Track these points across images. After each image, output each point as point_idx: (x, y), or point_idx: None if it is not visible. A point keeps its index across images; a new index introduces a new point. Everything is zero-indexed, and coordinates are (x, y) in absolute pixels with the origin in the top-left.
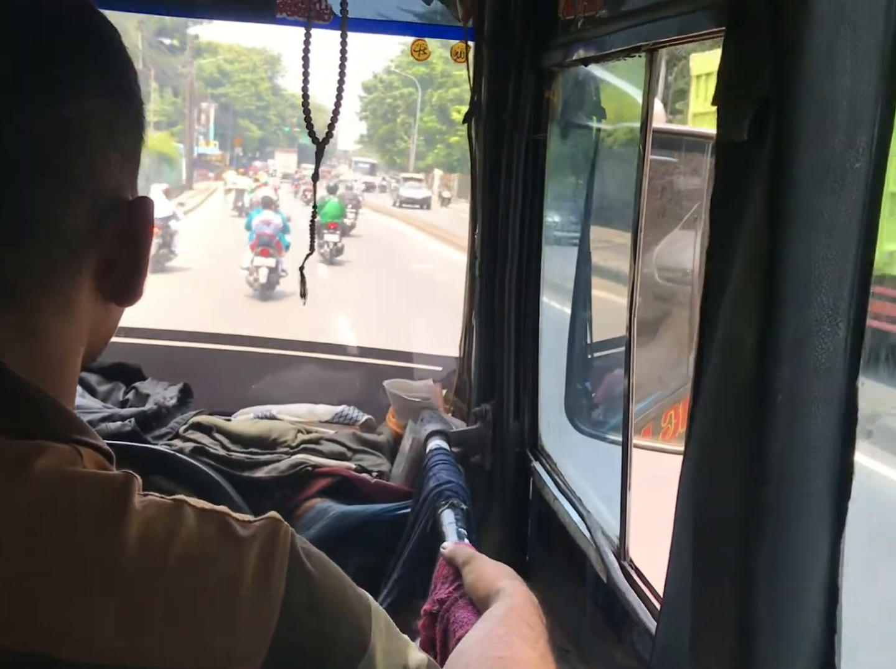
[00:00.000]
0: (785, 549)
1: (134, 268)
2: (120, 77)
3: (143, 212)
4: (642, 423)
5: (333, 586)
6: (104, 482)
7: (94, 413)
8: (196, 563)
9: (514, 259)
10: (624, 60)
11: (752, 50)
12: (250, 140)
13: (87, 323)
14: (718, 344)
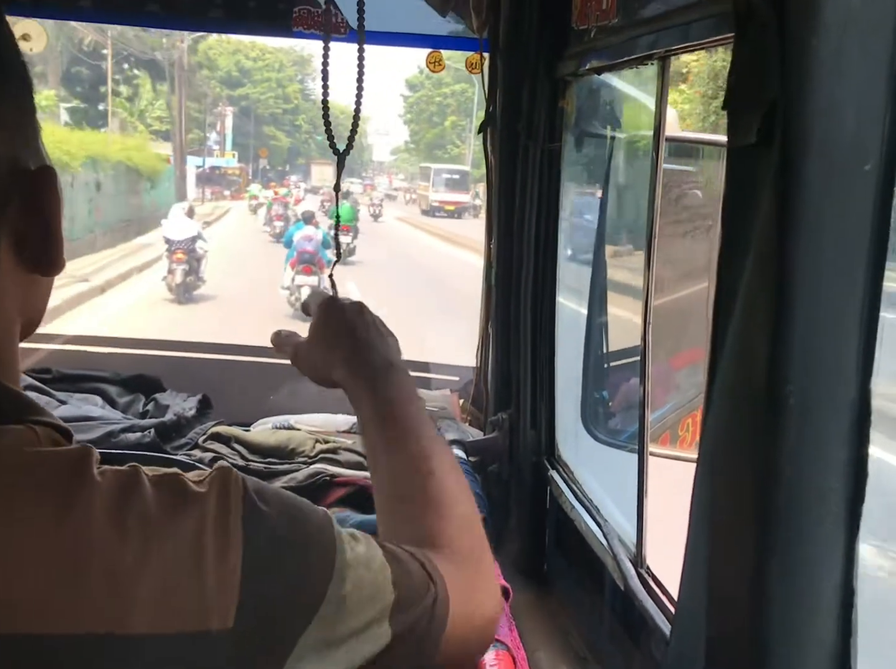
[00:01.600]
0: (799, 553)
1: (47, 238)
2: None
3: (47, 182)
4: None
5: (293, 520)
6: (63, 457)
7: (114, 424)
8: (158, 526)
9: (529, 268)
10: (637, 69)
11: (760, 56)
12: (277, 150)
13: (16, 298)
14: (730, 349)
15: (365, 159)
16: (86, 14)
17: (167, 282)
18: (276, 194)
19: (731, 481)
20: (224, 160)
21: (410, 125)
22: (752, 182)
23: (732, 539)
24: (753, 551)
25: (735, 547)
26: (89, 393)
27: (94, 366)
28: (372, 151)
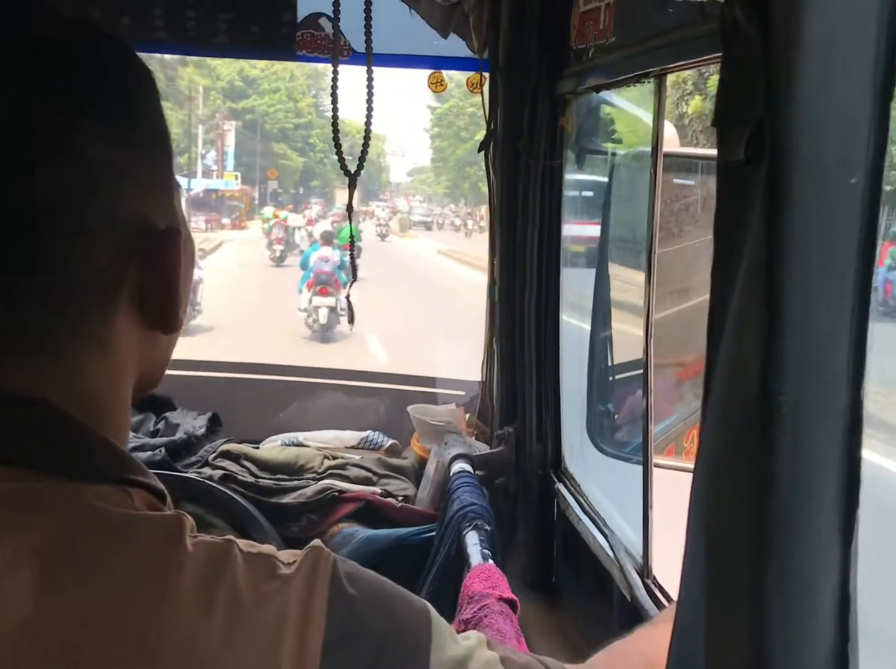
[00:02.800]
0: (796, 561)
1: (168, 298)
2: (130, 112)
3: (171, 242)
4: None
5: (381, 607)
6: (155, 523)
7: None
8: (244, 607)
9: (532, 283)
10: (634, 86)
11: (747, 74)
12: (288, 171)
13: (131, 354)
14: (724, 362)
15: (383, 181)
16: None
17: None
18: (276, 216)
19: (727, 491)
20: (223, 182)
21: (436, 141)
22: (741, 197)
23: (729, 547)
24: (750, 559)
25: (732, 556)
26: None
27: None
28: (389, 172)
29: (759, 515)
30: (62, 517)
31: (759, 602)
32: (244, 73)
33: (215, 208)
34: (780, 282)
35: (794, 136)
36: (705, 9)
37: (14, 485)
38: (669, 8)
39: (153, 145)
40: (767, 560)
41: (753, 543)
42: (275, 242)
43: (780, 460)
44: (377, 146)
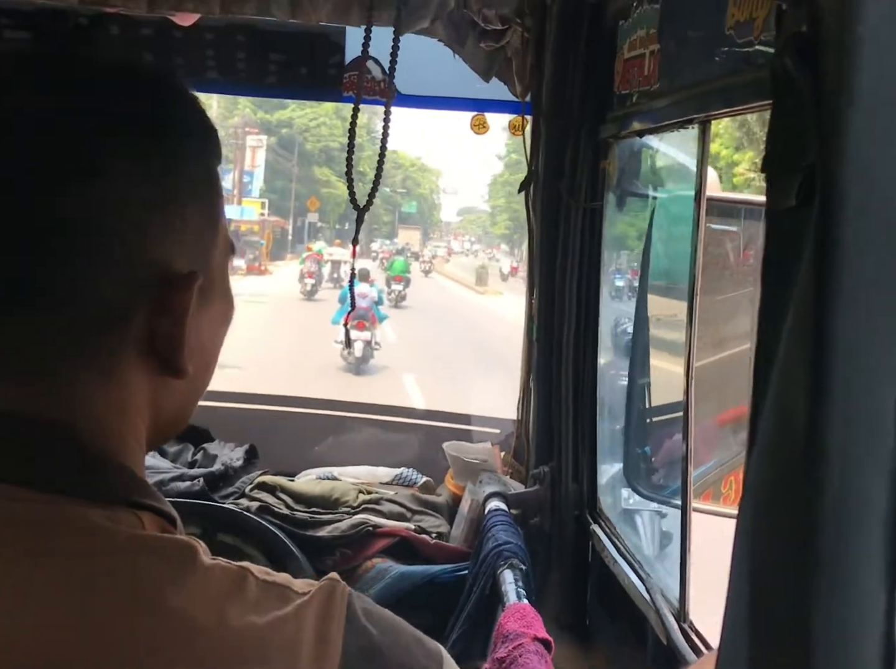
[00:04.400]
0: (841, 607)
1: (173, 342)
2: (166, 150)
3: (186, 287)
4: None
5: (395, 643)
6: (168, 545)
7: (164, 473)
8: (257, 630)
9: (570, 323)
10: (678, 131)
11: (797, 122)
12: (331, 200)
13: (141, 396)
14: (770, 406)
15: (434, 219)
16: None
17: None
18: (310, 249)
19: (772, 535)
20: (236, 209)
21: (506, 172)
22: (790, 244)
23: (773, 592)
24: (795, 604)
25: (776, 601)
26: None
27: None
28: (440, 211)
29: (804, 560)
30: (74, 538)
31: (804, 648)
32: None
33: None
34: (828, 328)
35: (846, 184)
36: (750, 57)
37: (30, 507)
38: (715, 56)
39: (189, 192)
40: (812, 606)
41: (798, 588)
42: (306, 275)
43: (826, 505)
44: (431, 181)
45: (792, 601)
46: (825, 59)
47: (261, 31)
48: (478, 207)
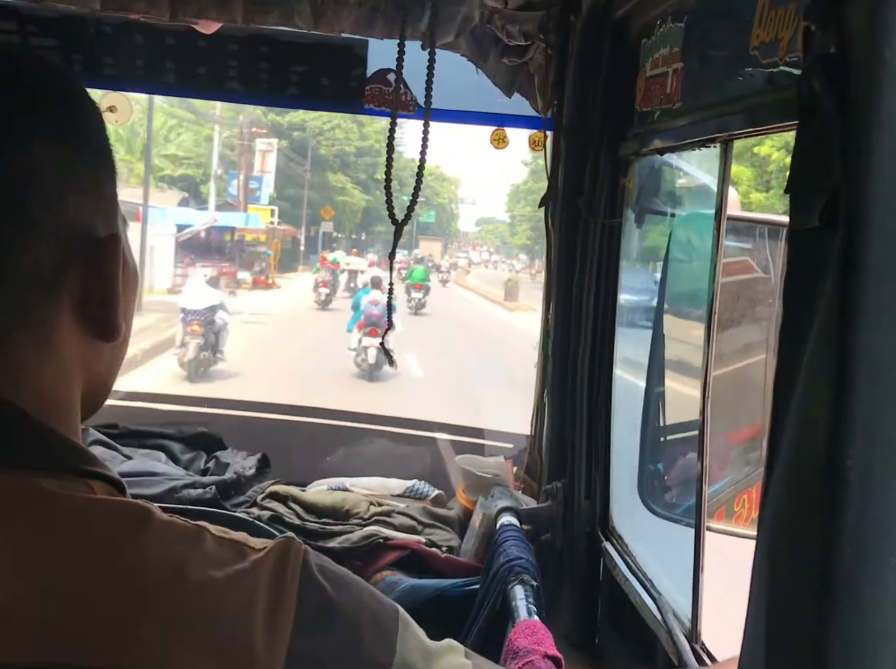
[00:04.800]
0: (859, 625)
1: (105, 303)
2: (76, 120)
3: (111, 249)
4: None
5: (350, 596)
6: (123, 506)
7: (177, 480)
8: (213, 582)
9: (587, 339)
10: (699, 150)
11: (823, 144)
12: (347, 209)
13: (75, 361)
14: (791, 425)
15: (453, 229)
16: (171, 89)
17: (178, 356)
18: (324, 259)
19: (792, 552)
20: (240, 216)
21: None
22: (813, 264)
23: (793, 614)
24: (814, 622)
25: (795, 618)
26: (154, 449)
27: (158, 422)
28: (458, 221)
29: (823, 578)
30: (28, 505)
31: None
32: None
33: (229, 255)
34: (851, 347)
35: (870, 205)
36: (775, 78)
37: None
38: (738, 76)
39: (95, 157)
40: (831, 624)
41: (817, 606)
42: (320, 285)
43: (846, 523)
44: (450, 190)
45: (809, 621)
46: (852, 82)
47: (283, 42)
48: (496, 218)
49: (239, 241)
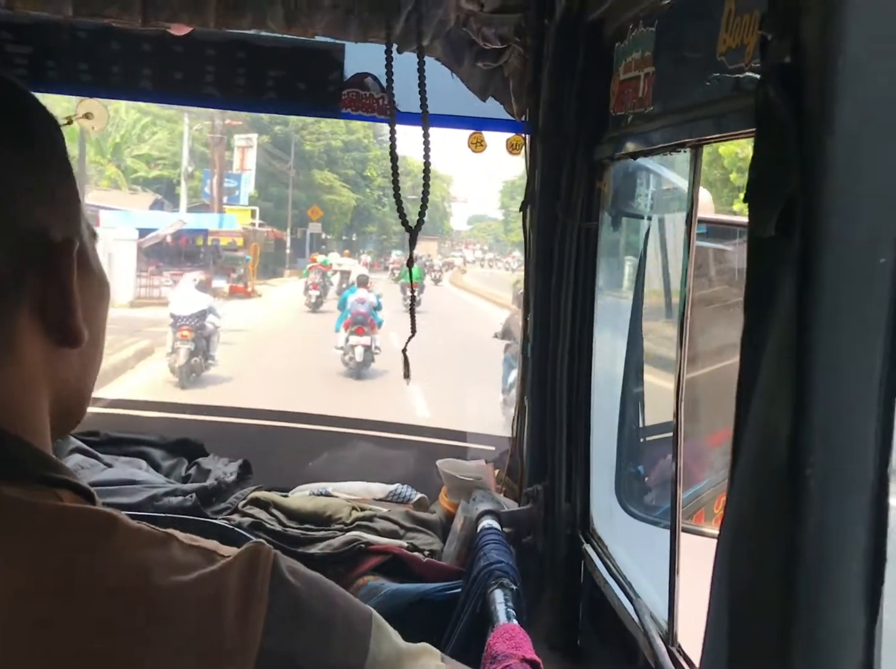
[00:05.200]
0: (821, 631)
1: (64, 308)
2: (24, 126)
3: (66, 252)
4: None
5: (322, 597)
6: (90, 513)
7: (158, 488)
8: (179, 586)
9: (565, 342)
10: (671, 155)
11: (779, 152)
12: (335, 209)
13: (40, 369)
14: (752, 431)
15: (445, 228)
16: (147, 95)
17: (169, 362)
18: (314, 261)
19: (752, 558)
20: (214, 218)
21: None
22: (771, 271)
23: (753, 615)
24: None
25: (756, 624)
26: (134, 457)
27: (140, 429)
28: (450, 219)
29: (784, 584)
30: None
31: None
32: None
33: (202, 261)
34: (809, 355)
35: (825, 215)
36: (741, 84)
37: None
38: (706, 81)
39: (49, 162)
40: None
41: (778, 612)
42: (310, 287)
43: (807, 530)
44: (441, 188)
45: (771, 626)
46: (807, 90)
47: (260, 46)
48: (488, 215)
49: (214, 246)
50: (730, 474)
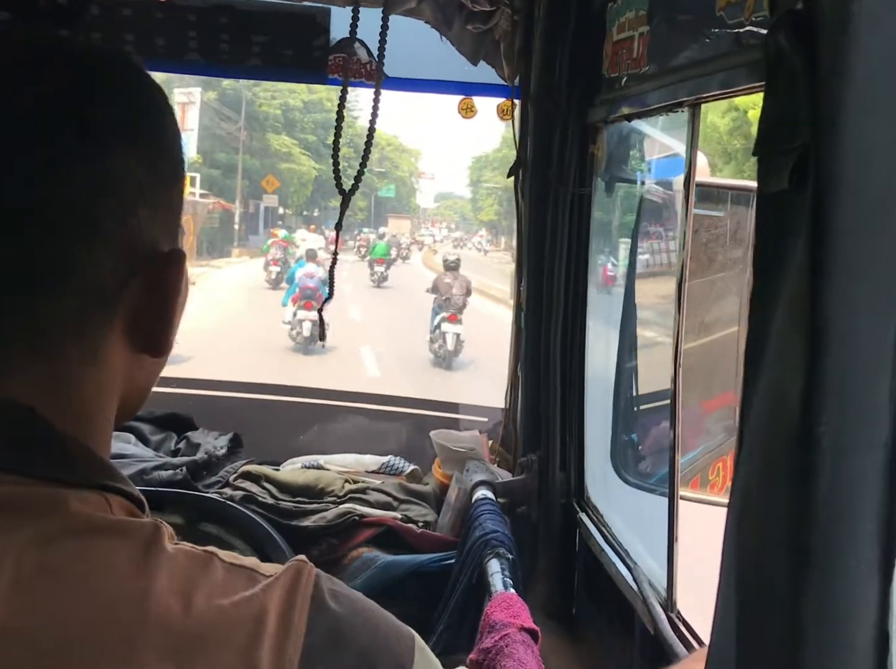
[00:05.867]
0: (833, 595)
1: (162, 319)
2: (155, 133)
3: (175, 264)
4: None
5: (365, 623)
6: (135, 528)
7: (147, 462)
8: (220, 611)
9: (559, 311)
10: (667, 115)
11: (791, 103)
12: (295, 180)
13: (118, 374)
14: (762, 391)
15: (413, 205)
16: None
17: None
18: (275, 235)
19: (764, 523)
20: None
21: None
22: (783, 227)
23: (765, 582)
24: (787, 592)
25: (768, 591)
26: (122, 431)
27: None
28: (417, 196)
29: (796, 547)
30: (44, 520)
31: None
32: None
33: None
34: (822, 312)
35: (840, 166)
36: (741, 38)
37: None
38: (705, 38)
39: (170, 168)
40: (804, 594)
41: (790, 575)
42: (271, 263)
43: (818, 492)
44: (410, 163)
45: (783, 594)
46: (820, 38)
47: (244, 11)
48: (454, 192)
49: None
50: (738, 437)
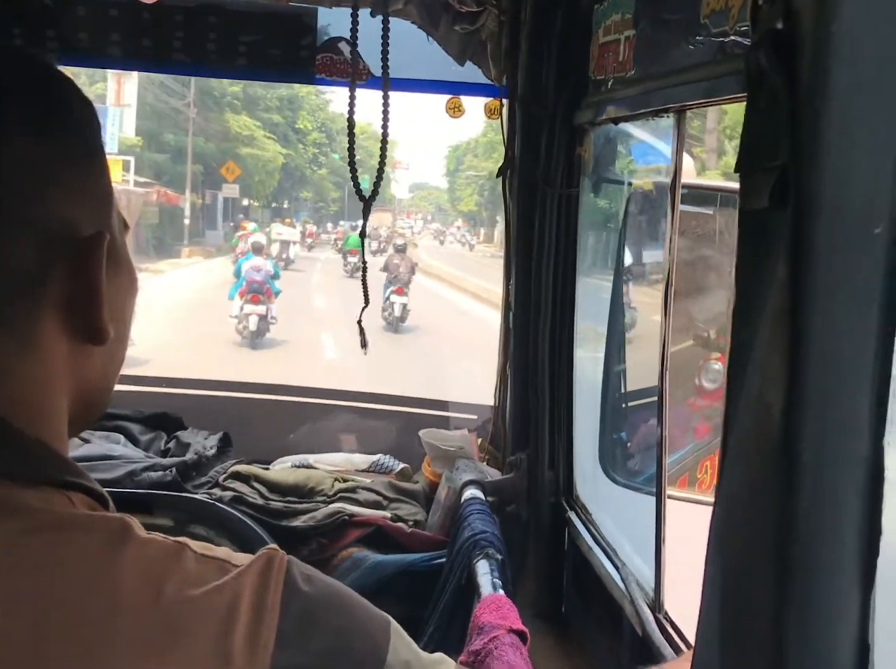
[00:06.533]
0: (815, 606)
1: (91, 304)
2: (60, 116)
3: (96, 248)
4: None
5: (339, 606)
6: (101, 522)
7: (136, 462)
8: (190, 600)
9: (547, 310)
10: (653, 120)
11: (771, 121)
12: (259, 168)
13: (61, 365)
14: (744, 405)
15: (388, 196)
16: (116, 62)
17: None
18: (244, 228)
19: (746, 534)
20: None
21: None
22: (764, 243)
23: (747, 591)
24: (769, 603)
25: (750, 599)
26: (112, 432)
27: (117, 404)
28: (392, 187)
29: (778, 560)
30: (7, 520)
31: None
32: None
33: None
34: (803, 328)
35: (819, 185)
36: (726, 47)
37: None
38: (689, 45)
39: (81, 152)
40: (786, 605)
41: (772, 588)
42: (239, 256)
43: (800, 505)
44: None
45: (765, 605)
46: (800, 57)
47: (231, 11)
48: (429, 183)
49: None
50: (721, 447)
